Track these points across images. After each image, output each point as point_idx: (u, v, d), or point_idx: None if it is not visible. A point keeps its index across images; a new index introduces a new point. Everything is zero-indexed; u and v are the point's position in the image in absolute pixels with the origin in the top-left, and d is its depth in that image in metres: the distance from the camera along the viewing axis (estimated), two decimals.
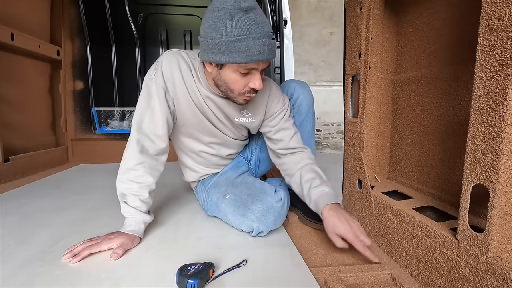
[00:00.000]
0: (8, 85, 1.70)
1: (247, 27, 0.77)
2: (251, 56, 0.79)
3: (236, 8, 0.77)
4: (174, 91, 0.96)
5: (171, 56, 0.95)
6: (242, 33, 0.77)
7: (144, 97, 0.95)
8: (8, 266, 0.77)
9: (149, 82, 0.94)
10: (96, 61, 2.31)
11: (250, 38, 0.78)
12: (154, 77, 0.93)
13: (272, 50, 0.83)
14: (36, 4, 1.97)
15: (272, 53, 0.83)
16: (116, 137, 2.36)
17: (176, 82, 0.95)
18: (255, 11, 0.79)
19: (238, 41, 0.78)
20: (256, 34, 0.78)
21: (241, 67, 0.83)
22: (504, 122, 0.49)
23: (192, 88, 0.97)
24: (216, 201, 1.07)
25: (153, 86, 0.93)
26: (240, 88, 0.88)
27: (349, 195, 1.07)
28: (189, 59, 0.97)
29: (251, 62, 0.80)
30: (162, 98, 0.94)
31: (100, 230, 0.90)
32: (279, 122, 1.05)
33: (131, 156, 0.92)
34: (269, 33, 0.81)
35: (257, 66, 0.83)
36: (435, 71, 0.80)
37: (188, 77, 0.96)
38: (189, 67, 0.96)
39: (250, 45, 0.78)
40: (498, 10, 0.50)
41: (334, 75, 6.37)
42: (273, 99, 1.05)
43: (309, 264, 0.80)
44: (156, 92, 0.93)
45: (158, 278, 0.72)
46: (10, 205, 1.24)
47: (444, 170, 0.79)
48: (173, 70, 0.94)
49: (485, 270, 0.54)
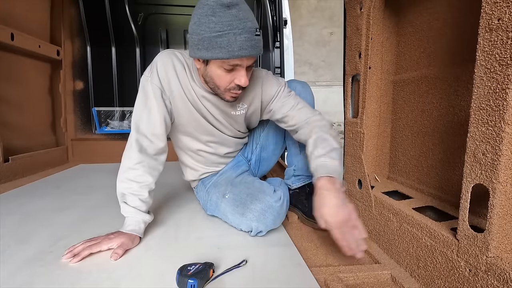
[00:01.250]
0: (8, 85, 1.70)
1: (228, 23, 0.77)
2: (232, 51, 0.78)
3: (219, 4, 0.77)
4: (170, 91, 0.97)
5: (166, 57, 0.96)
6: (223, 28, 0.77)
7: (141, 98, 0.96)
8: (8, 266, 0.77)
9: (145, 83, 0.96)
10: (96, 61, 2.31)
11: (231, 33, 0.77)
12: (150, 77, 0.95)
13: (256, 46, 0.81)
14: (36, 4, 1.97)
15: (255, 49, 0.81)
16: (116, 137, 2.36)
17: (171, 82, 0.96)
18: (238, 7, 0.78)
19: (220, 37, 0.77)
20: (237, 30, 0.77)
21: (225, 63, 0.82)
22: (504, 122, 0.49)
23: (187, 87, 0.98)
24: (216, 200, 1.07)
25: (149, 86, 0.94)
26: (225, 84, 0.88)
27: (349, 195, 1.07)
28: (184, 59, 0.98)
29: (233, 58, 0.79)
30: (158, 97, 0.95)
31: (100, 230, 0.90)
32: (278, 101, 1.04)
33: (131, 156, 0.92)
34: (252, 29, 0.79)
35: (241, 62, 0.82)
36: (435, 71, 0.80)
37: (183, 76, 0.97)
38: (184, 66, 0.97)
39: (232, 41, 0.77)
40: (498, 10, 0.50)
41: (334, 75, 6.37)
42: (267, 85, 1.04)
43: (309, 264, 0.80)
44: (153, 92, 0.94)
45: (158, 278, 0.72)
46: (10, 205, 1.24)
47: (444, 170, 0.79)
48: (168, 71, 0.95)
49: (485, 270, 0.54)
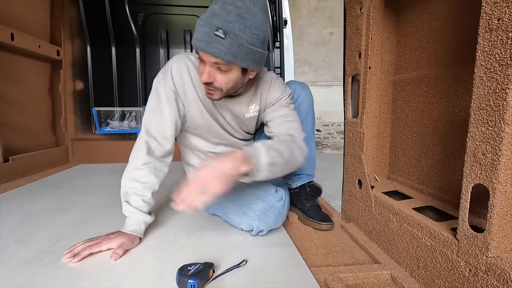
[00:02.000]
0: (8, 85, 1.70)
1: (205, 15, 0.80)
2: (193, 38, 0.81)
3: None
4: (184, 95, 0.98)
5: (180, 61, 0.97)
6: (201, 18, 0.80)
7: (153, 100, 0.96)
8: (8, 266, 0.76)
9: (158, 85, 0.96)
10: (96, 61, 2.31)
11: (199, 24, 0.80)
12: (164, 80, 0.96)
13: (210, 43, 0.77)
14: (36, 4, 1.97)
15: (209, 45, 0.77)
16: (116, 137, 2.36)
17: (186, 85, 0.97)
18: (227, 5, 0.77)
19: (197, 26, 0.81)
20: (203, 22, 0.79)
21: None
22: (504, 122, 0.49)
23: (201, 91, 0.98)
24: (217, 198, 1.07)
25: (162, 89, 0.95)
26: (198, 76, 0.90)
27: (349, 195, 1.07)
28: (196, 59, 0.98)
29: (194, 46, 0.81)
30: (171, 100, 0.95)
31: (100, 230, 0.90)
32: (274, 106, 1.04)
33: (139, 156, 0.93)
34: (215, 26, 0.77)
35: (201, 54, 0.82)
36: (435, 71, 0.80)
37: (197, 80, 0.98)
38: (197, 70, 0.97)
39: (197, 30, 0.80)
40: (498, 10, 0.50)
41: (334, 75, 6.37)
42: (273, 89, 1.04)
43: (309, 264, 0.80)
44: (165, 94, 0.95)
45: (158, 278, 0.72)
46: (10, 205, 1.24)
47: (444, 170, 0.79)
48: (183, 75, 0.96)
49: (485, 270, 0.54)
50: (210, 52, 0.79)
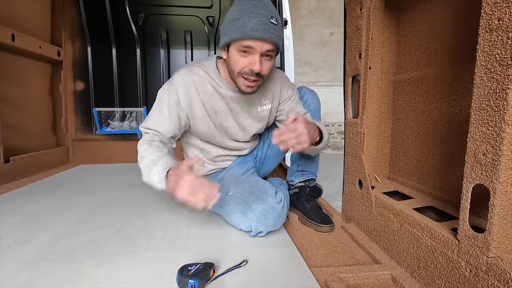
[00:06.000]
0: (9, 86, 1.70)
1: (247, 9, 0.84)
2: (245, 32, 0.84)
3: None
4: (190, 109, 1.02)
5: (186, 76, 1.00)
6: (241, 13, 0.85)
7: (156, 109, 1.01)
8: (8, 266, 0.77)
9: (161, 96, 1.01)
10: (96, 61, 2.31)
11: (246, 16, 0.84)
12: (167, 91, 1.00)
13: (268, 31, 0.84)
14: (37, 5, 1.98)
15: (268, 33, 0.84)
16: (117, 137, 2.36)
17: (193, 100, 1.01)
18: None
19: (237, 20, 0.85)
20: (252, 14, 0.84)
21: (241, 45, 0.87)
22: (504, 122, 0.49)
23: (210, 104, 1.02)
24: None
25: (166, 100, 0.99)
26: (239, 68, 0.91)
27: (349, 195, 1.07)
28: (203, 71, 1.02)
29: (246, 38, 0.84)
30: (173, 111, 0.99)
31: (101, 231, 0.90)
32: (292, 103, 1.16)
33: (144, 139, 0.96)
34: (267, 15, 0.84)
35: (254, 45, 0.86)
36: (435, 71, 0.80)
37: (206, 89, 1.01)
38: (206, 79, 1.02)
39: (246, 22, 0.84)
40: (498, 10, 0.50)
41: (334, 75, 6.37)
42: (285, 87, 1.14)
43: (309, 264, 0.80)
44: (168, 105, 0.99)
45: (159, 278, 0.72)
46: (11, 206, 1.24)
47: (444, 170, 0.79)
48: (189, 90, 1.00)
49: (486, 270, 0.54)
50: (268, 39, 0.85)
